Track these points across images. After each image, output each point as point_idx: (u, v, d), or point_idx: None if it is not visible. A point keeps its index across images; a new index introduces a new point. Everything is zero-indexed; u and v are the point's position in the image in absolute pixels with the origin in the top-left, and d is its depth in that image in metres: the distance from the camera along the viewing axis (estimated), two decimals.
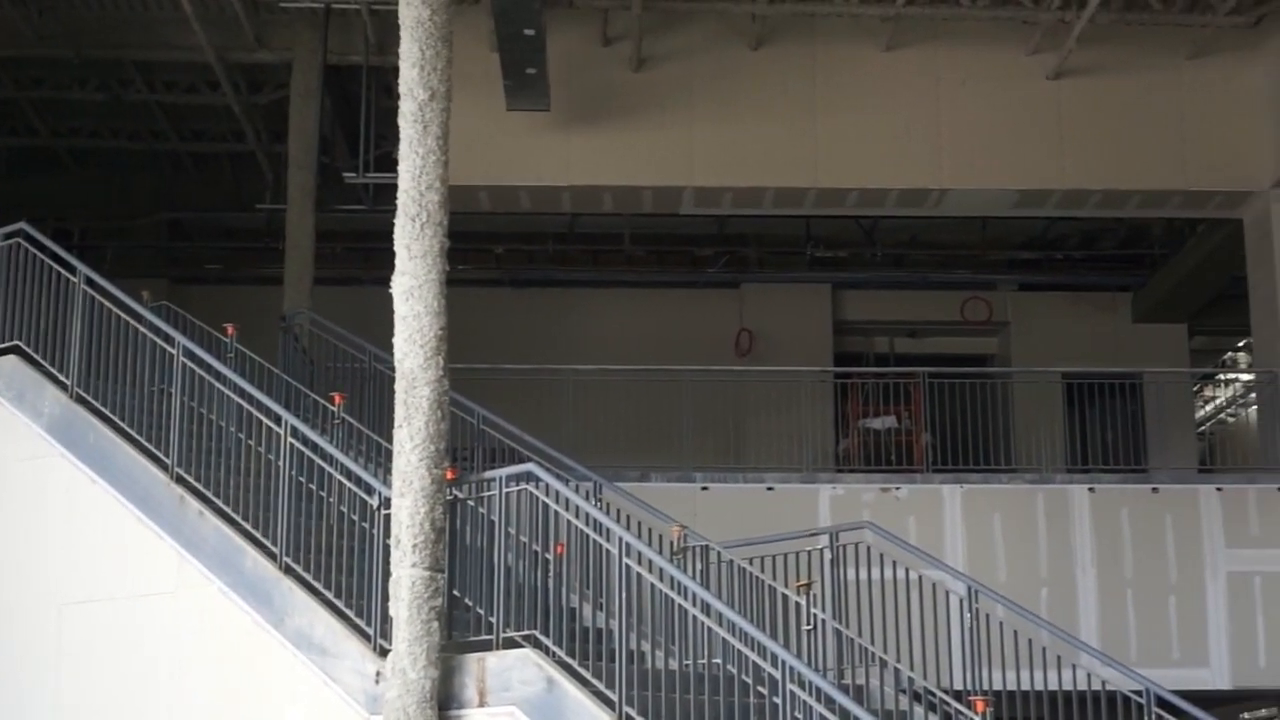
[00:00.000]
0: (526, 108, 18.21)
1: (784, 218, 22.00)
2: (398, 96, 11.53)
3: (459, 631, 11.63)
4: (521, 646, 11.14)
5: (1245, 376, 27.68)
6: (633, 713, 10.53)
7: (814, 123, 19.25)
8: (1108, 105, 19.44)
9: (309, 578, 12.07)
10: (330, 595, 11.93)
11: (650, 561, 11.06)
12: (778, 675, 10.05)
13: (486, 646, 11.29)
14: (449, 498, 11.36)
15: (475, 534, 11.94)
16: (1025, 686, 12.94)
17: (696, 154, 19.16)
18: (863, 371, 21.49)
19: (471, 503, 11.83)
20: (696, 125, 19.17)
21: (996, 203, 20.21)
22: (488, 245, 23.95)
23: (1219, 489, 18.58)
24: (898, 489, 18.27)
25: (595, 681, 10.85)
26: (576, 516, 11.58)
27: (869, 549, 13.92)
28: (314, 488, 12.62)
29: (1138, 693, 12.27)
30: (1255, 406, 22.54)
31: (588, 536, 11.53)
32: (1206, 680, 18.07)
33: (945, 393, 18.97)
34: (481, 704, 11.05)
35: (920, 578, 13.54)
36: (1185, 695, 12.64)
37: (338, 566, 12.06)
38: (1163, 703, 12.17)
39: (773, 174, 19.29)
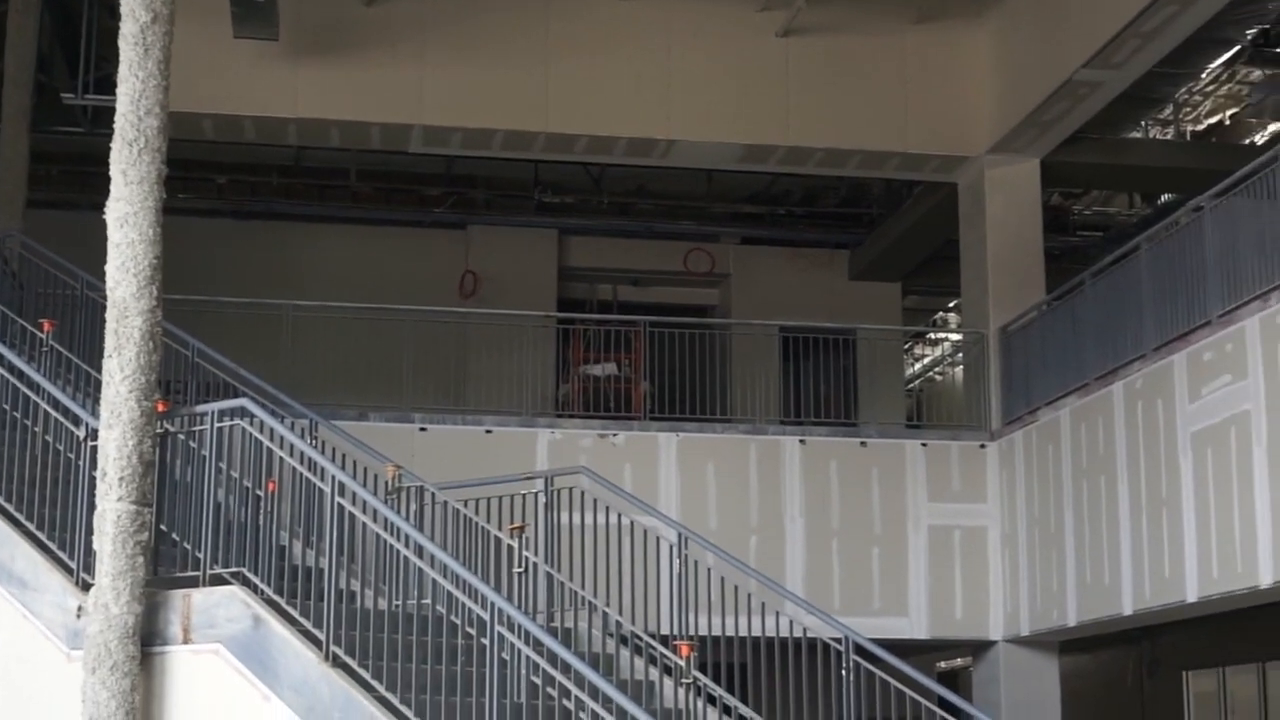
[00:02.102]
0: (254, 36, 17.84)
1: (513, 161, 21.93)
2: (120, 17, 11.21)
3: (166, 568, 11.44)
4: (229, 584, 11.00)
5: (954, 336, 28.52)
6: (340, 651, 10.48)
7: (546, 67, 19.23)
8: (833, 65, 19.80)
9: (9, 508, 11.75)
10: (31, 527, 11.63)
11: (364, 501, 11.00)
12: (486, 617, 10.09)
13: (194, 583, 11.12)
14: (159, 431, 11.14)
15: (186, 469, 11.75)
16: (731, 632, 13.21)
17: (426, 93, 19.01)
18: (585, 318, 21.59)
19: (182, 437, 11.62)
20: (427, 64, 19.01)
21: (723, 156, 20.47)
22: (210, 175, 23.41)
23: (924, 444, 19.16)
24: (615, 435, 18.44)
25: (303, 620, 10.77)
26: (290, 454, 11.46)
27: (584, 494, 14.04)
28: (19, 416, 12.28)
29: (838, 640, 12.60)
30: (962, 366, 23.22)
31: (301, 474, 11.42)
32: (905, 629, 18.66)
33: (666, 342, 19.18)
34: (186, 641, 10.90)
35: (633, 523, 13.71)
36: (885, 644, 13.03)
37: (42, 499, 11.75)
38: (861, 650, 12.52)
39: (502, 116, 19.23)
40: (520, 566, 12.91)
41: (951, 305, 28.27)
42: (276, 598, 10.93)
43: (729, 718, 12.37)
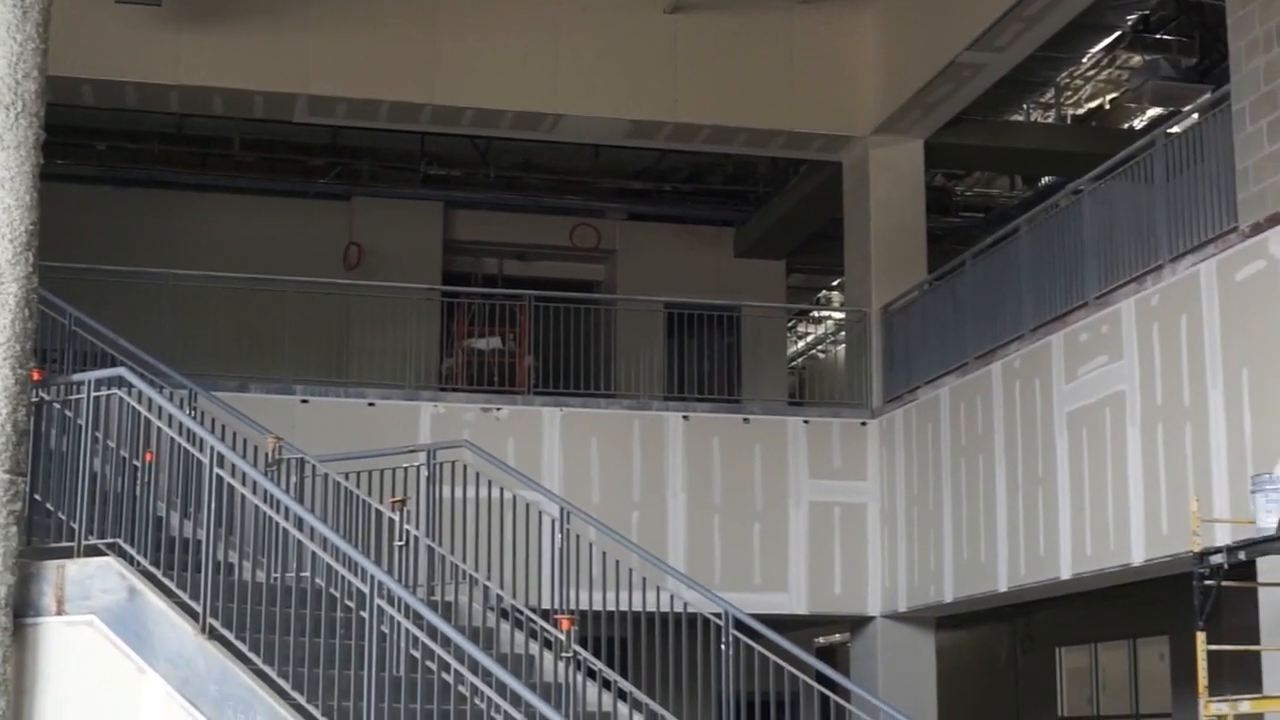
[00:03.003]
0: (136, 1, 17.60)
1: (398, 133, 21.80)
2: None
3: (40, 538, 11.31)
4: (105, 555, 10.89)
5: (837, 315, 28.71)
6: (217, 624, 10.42)
7: (433, 38, 19.12)
8: (721, 42, 19.84)
9: None
10: None
11: (243, 473, 10.92)
12: (365, 590, 10.06)
13: (68, 554, 11.01)
14: (34, 400, 11.00)
15: (61, 438, 11.61)
16: (612, 607, 13.26)
17: (312, 61, 18.83)
18: (470, 291, 21.50)
19: (58, 406, 11.48)
20: (313, 32, 18.83)
21: (610, 131, 20.46)
22: (89, 141, 23.08)
23: (806, 421, 19.29)
24: (499, 409, 18.42)
25: (180, 592, 10.70)
26: (169, 424, 11.36)
27: (466, 468, 14.03)
28: None
29: (718, 615, 12.68)
30: (844, 344, 23.39)
31: (179, 445, 11.33)
32: (785, 605, 18.79)
33: (551, 316, 19.17)
34: (60, 612, 10.79)
35: (515, 498, 13.72)
36: (764, 619, 13.14)
37: None
38: (740, 625, 12.61)
39: (389, 87, 19.11)
40: (401, 540, 12.89)
41: (835, 284, 28.45)
42: (153, 569, 10.85)
43: (608, 691, 12.42)
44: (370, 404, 18.13)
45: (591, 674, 12.50)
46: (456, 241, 24.90)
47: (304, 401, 17.87)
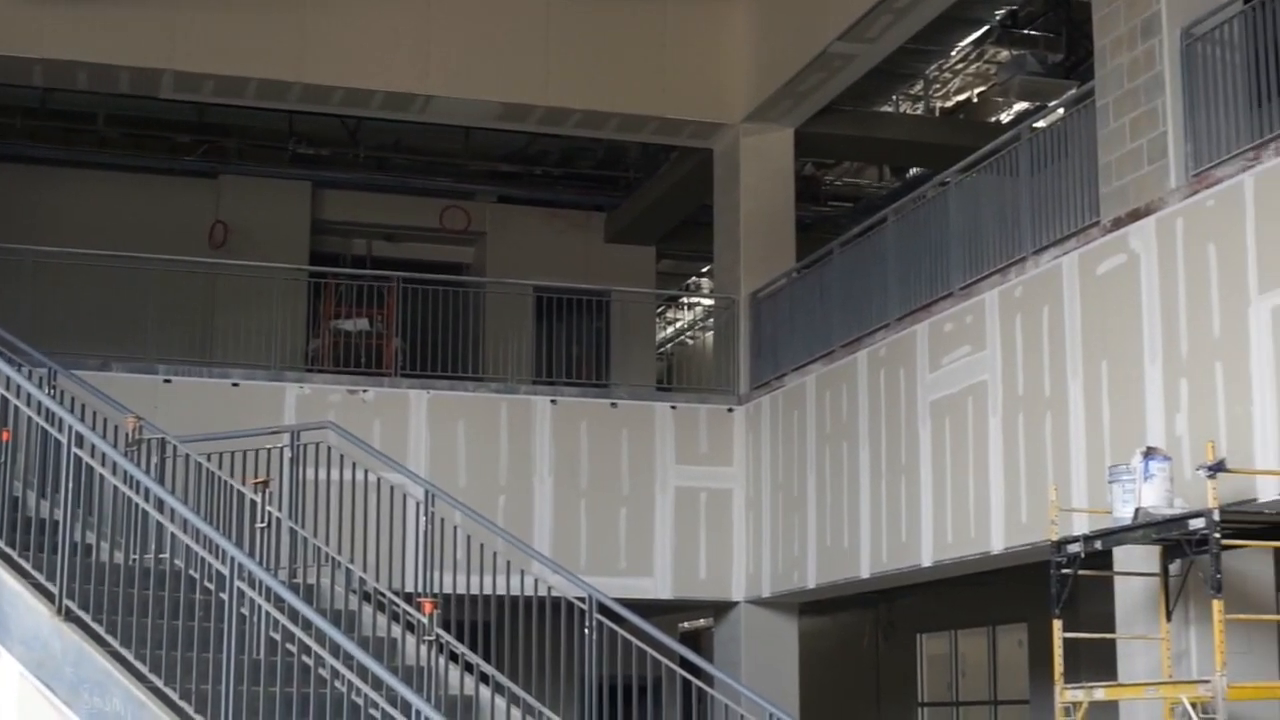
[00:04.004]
0: None
1: (267, 111, 21.56)
2: None
3: None
4: None
5: (706, 301, 28.82)
6: (74, 605, 10.28)
7: (303, 16, 18.94)
8: (594, 27, 19.84)
9: None
10: None
11: (102, 453, 10.77)
12: (225, 571, 9.96)
13: None
14: None
15: None
16: (477, 591, 13.23)
17: (179, 37, 18.56)
18: (338, 272, 21.34)
19: None
20: (180, 7, 18.56)
21: (481, 114, 20.38)
22: None
23: (673, 407, 19.36)
24: (365, 391, 18.30)
25: (36, 574, 10.54)
26: (27, 403, 11.17)
27: (330, 450, 13.94)
28: None
29: (582, 599, 12.70)
30: (713, 331, 23.49)
31: (37, 424, 11.15)
32: (650, 589, 18.85)
33: (419, 299, 19.08)
34: None
35: (380, 480, 13.64)
36: (629, 603, 13.18)
37: None
38: (605, 609, 12.63)
39: (257, 65, 18.89)
40: (263, 522, 12.77)
41: (704, 270, 28.56)
42: (8, 550, 10.69)
43: (471, 675, 12.40)
44: (235, 384, 17.93)
45: (454, 658, 12.46)
46: (325, 221, 24.69)
47: (167, 381, 17.64)
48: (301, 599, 10.13)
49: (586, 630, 12.54)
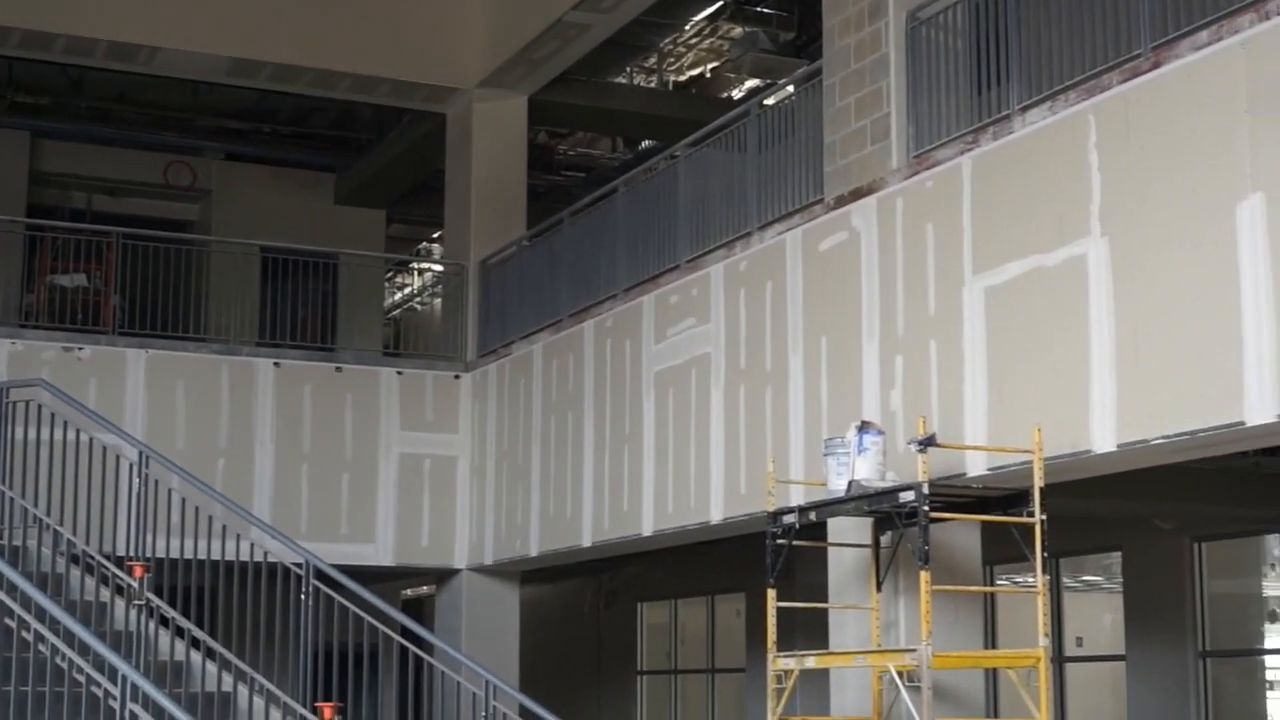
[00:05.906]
0: None
1: None
2: None
3: None
4: None
5: (436, 267, 28.67)
6: None
7: None
8: None
9: None
10: None
11: None
12: None
13: None
14: None
15: None
16: (192, 555, 12.96)
17: None
18: (55, 226, 20.64)
19: None
20: None
21: (209, 68, 19.97)
22: None
23: (400, 373, 19.21)
24: (81, 349, 17.79)
25: None
26: None
27: (41, 408, 13.53)
28: None
29: (299, 565, 12.54)
30: (441, 298, 23.38)
31: None
32: (372, 556, 18.70)
33: (140, 255, 18.60)
34: None
35: (92, 440, 13.29)
36: (351, 570, 13.06)
37: None
38: (322, 575, 12.49)
39: None
40: None
41: (435, 236, 28.40)
42: None
43: (182, 640, 12.16)
44: None
45: (165, 622, 12.21)
46: (43, 173, 23.97)
47: None
48: (7, 561, 9.83)
49: (303, 596, 12.38)
